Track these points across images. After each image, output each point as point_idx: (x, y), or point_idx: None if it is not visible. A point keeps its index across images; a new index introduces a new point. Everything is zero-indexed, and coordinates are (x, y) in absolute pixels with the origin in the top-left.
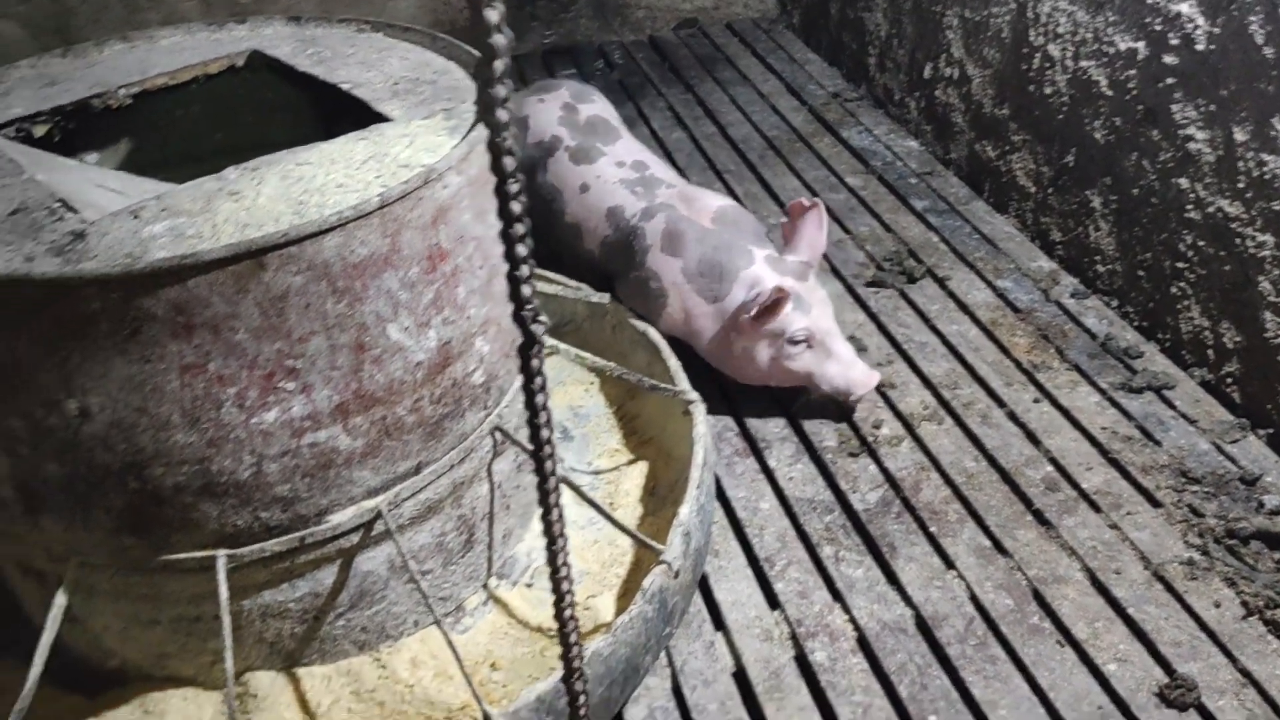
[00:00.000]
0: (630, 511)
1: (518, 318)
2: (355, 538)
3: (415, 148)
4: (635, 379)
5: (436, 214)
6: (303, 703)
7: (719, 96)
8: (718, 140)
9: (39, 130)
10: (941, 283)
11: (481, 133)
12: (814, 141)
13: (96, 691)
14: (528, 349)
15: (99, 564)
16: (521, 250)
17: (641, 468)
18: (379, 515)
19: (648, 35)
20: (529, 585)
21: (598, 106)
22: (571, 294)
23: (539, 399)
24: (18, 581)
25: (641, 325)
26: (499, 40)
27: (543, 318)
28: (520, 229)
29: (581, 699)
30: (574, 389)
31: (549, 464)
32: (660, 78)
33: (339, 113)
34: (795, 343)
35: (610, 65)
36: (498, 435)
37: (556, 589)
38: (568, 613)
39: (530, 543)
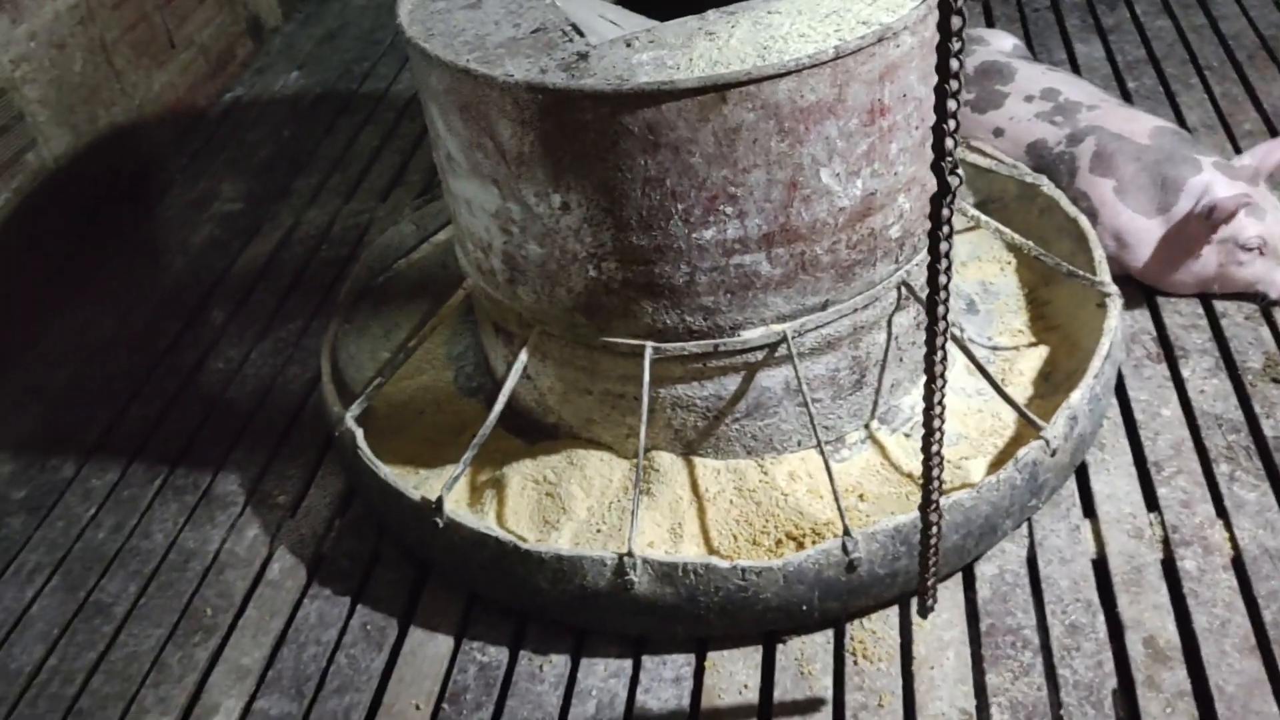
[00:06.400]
0: (1021, 391)
1: (936, 167)
2: (760, 355)
3: (876, 6)
4: (1053, 262)
5: (885, 70)
6: (694, 485)
7: None
8: (1205, 33)
9: None
10: None
11: None
12: None
13: (534, 440)
14: (940, 198)
15: (554, 334)
16: (951, 105)
17: (1041, 352)
18: (784, 339)
19: None
20: (907, 435)
21: (983, 50)
22: (1005, 170)
23: (943, 246)
24: (490, 339)
25: (1073, 211)
26: None
27: (959, 172)
28: (955, 85)
29: (934, 529)
30: (989, 266)
31: (941, 308)
32: None
33: None
34: (1248, 249)
35: None
36: (903, 290)
37: (928, 424)
38: (934, 447)
39: (915, 397)
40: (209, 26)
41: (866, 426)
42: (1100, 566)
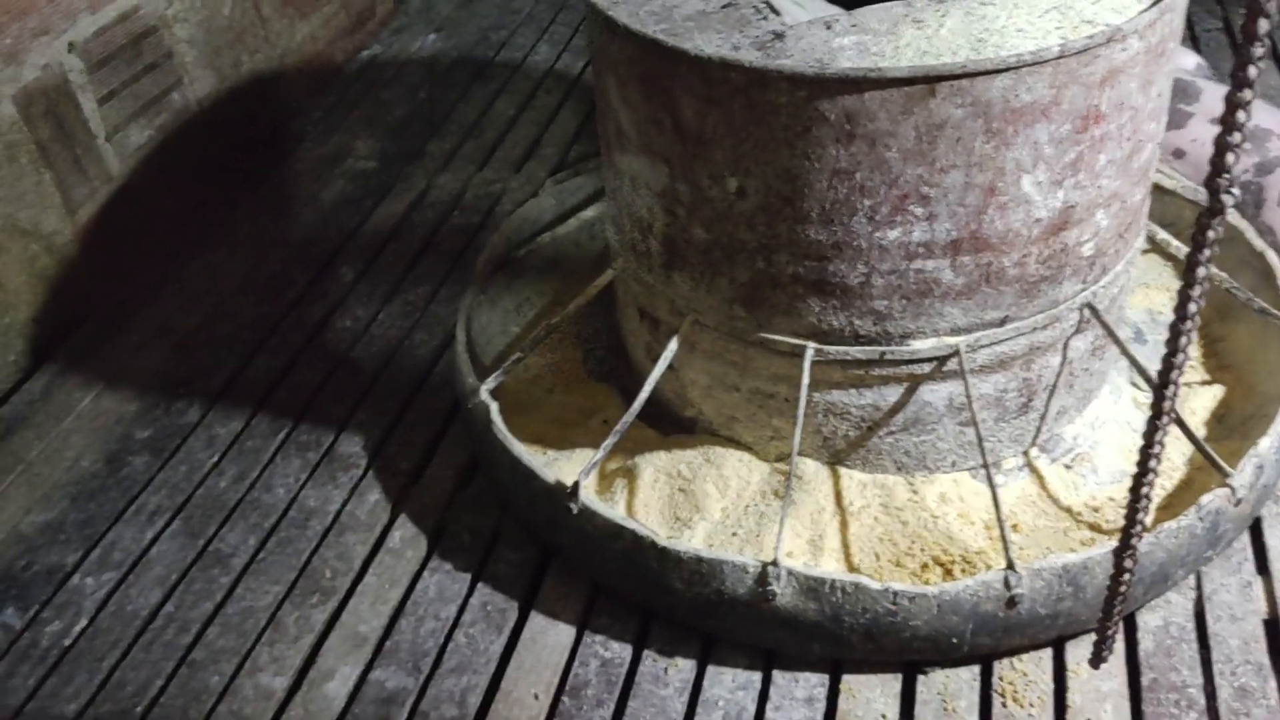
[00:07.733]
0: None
1: (1212, 183)
2: (927, 367)
3: (1100, 5)
4: (1245, 296)
5: (1106, 75)
6: (838, 496)
7: None
8: None
9: None
10: None
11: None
12: None
13: (668, 432)
14: (1210, 216)
15: (707, 325)
16: (1241, 117)
17: (1215, 392)
18: (956, 353)
19: None
20: (1068, 466)
21: None
22: (1189, 194)
23: (1200, 272)
24: (632, 323)
25: (1260, 245)
26: None
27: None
28: (1248, 95)
29: (1128, 575)
30: (1157, 294)
31: (1184, 339)
32: None
33: None
34: None
35: None
36: (1086, 312)
37: (1142, 462)
38: (1145, 490)
39: (1079, 427)
40: None
41: (1025, 454)
42: (1271, 627)
